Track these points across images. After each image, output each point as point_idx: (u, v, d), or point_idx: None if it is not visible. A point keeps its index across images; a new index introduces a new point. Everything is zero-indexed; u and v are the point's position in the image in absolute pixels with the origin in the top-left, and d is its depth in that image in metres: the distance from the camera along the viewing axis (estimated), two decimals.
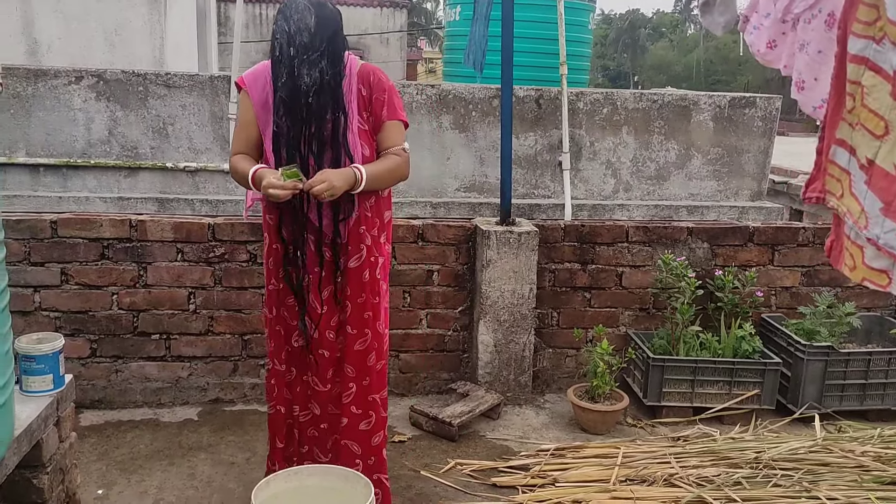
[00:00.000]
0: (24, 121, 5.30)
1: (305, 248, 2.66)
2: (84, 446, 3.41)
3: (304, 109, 2.49)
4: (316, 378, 2.80)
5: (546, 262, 4.17)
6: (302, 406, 2.86)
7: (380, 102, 2.65)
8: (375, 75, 2.67)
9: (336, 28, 2.54)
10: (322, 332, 2.74)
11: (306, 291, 2.71)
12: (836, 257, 2.15)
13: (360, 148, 2.63)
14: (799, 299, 4.39)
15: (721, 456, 3.39)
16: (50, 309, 3.78)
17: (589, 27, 9.02)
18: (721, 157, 6.06)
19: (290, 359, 2.83)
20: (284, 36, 2.47)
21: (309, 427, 2.88)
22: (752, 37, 2.87)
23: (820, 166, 2.20)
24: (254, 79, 2.66)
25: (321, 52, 2.47)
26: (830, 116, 2.13)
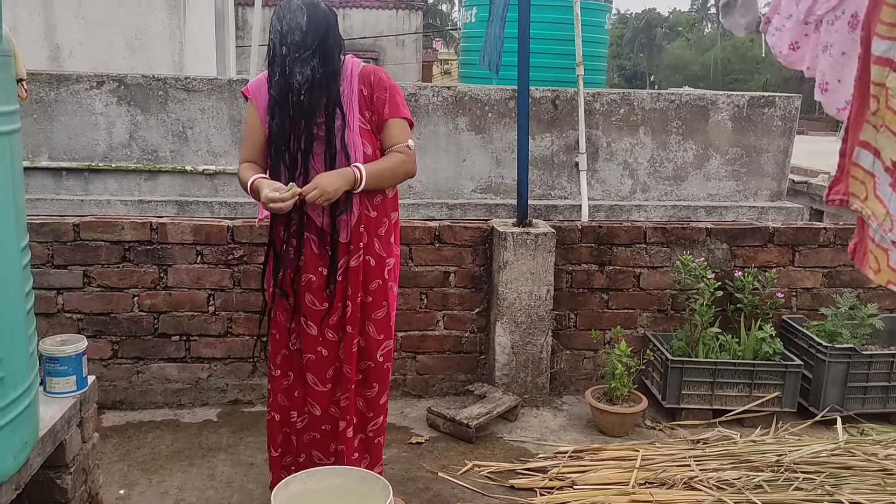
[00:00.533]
0: (46, 125, 5.37)
1: (306, 249, 2.68)
2: (106, 447, 3.45)
3: (295, 107, 2.52)
4: (315, 378, 2.80)
5: (563, 264, 4.16)
6: (299, 412, 2.85)
7: (381, 101, 2.66)
8: (376, 75, 2.68)
9: (328, 28, 2.56)
10: (321, 331, 2.75)
11: (303, 291, 2.71)
12: (861, 260, 2.14)
13: (363, 147, 2.63)
14: (820, 300, 4.36)
15: (741, 459, 3.36)
16: (73, 311, 3.83)
17: (605, 27, 8.99)
18: (740, 157, 6.02)
19: (287, 363, 2.83)
20: (277, 35, 2.51)
21: (306, 433, 2.87)
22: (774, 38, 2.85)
23: (843, 168, 2.18)
24: (257, 86, 2.69)
25: (312, 50, 2.50)
26: (854, 118, 2.12)
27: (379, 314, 2.78)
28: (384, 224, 2.76)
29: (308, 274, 2.71)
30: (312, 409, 2.84)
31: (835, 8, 2.50)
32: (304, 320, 2.75)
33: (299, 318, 2.75)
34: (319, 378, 2.80)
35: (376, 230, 2.73)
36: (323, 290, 2.71)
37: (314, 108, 2.53)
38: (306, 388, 2.83)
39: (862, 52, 2.06)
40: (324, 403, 2.83)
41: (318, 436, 2.87)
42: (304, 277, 2.71)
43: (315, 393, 2.82)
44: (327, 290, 2.71)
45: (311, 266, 2.70)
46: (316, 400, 2.83)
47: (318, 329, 2.74)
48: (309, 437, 2.88)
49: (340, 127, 2.60)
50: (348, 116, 2.61)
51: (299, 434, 2.88)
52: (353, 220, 2.67)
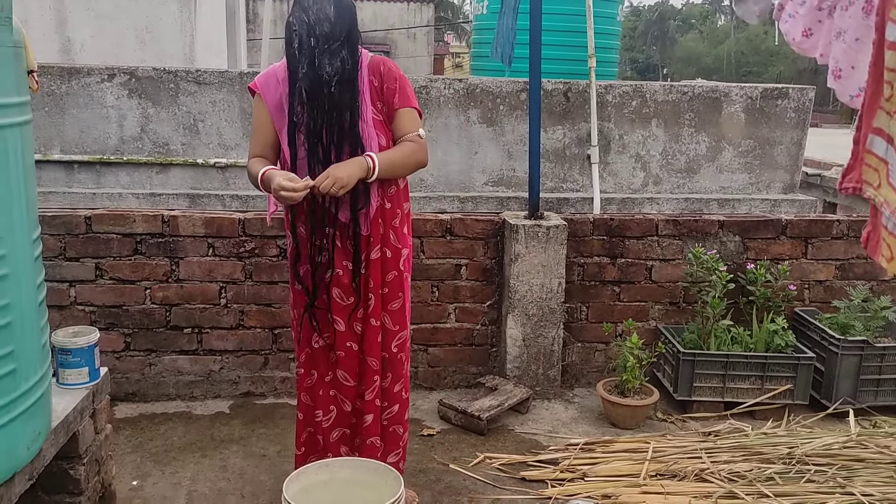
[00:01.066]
0: (58, 118, 5.39)
1: (329, 244, 2.67)
2: (119, 438, 3.47)
3: (327, 100, 2.49)
4: (345, 373, 2.81)
5: (575, 256, 4.15)
6: (325, 410, 2.84)
7: (391, 91, 2.65)
8: (385, 65, 2.67)
9: (354, 18, 2.55)
10: (349, 326, 2.75)
11: (328, 288, 2.71)
12: (873, 248, 2.12)
13: (377, 138, 2.63)
14: (833, 293, 4.33)
15: (753, 451, 3.35)
16: (85, 303, 3.85)
17: (617, 19, 8.95)
18: (753, 150, 5.99)
19: (311, 361, 2.82)
20: (304, 26, 2.47)
21: (334, 430, 2.86)
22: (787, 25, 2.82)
23: (857, 156, 2.16)
24: (265, 82, 2.66)
25: (341, 41, 2.48)
26: (868, 105, 2.09)
27: (395, 305, 2.79)
28: (398, 215, 2.76)
29: (336, 269, 2.70)
30: (342, 405, 2.83)
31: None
32: (330, 316, 2.74)
33: (325, 314, 2.74)
34: (350, 373, 2.80)
35: (391, 222, 2.73)
36: (349, 284, 2.71)
37: (343, 101, 2.51)
38: (335, 385, 2.82)
39: (876, 38, 2.04)
40: (352, 398, 2.83)
41: (347, 431, 2.87)
42: (330, 273, 2.70)
43: (345, 388, 2.82)
44: (353, 284, 2.70)
45: (337, 261, 2.69)
46: (346, 395, 2.83)
47: (345, 324, 2.75)
48: (337, 433, 2.87)
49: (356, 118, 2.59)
50: (362, 107, 2.60)
51: (326, 433, 2.86)
52: (372, 212, 2.67)
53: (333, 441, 2.87)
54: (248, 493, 3.12)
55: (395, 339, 2.82)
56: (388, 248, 2.74)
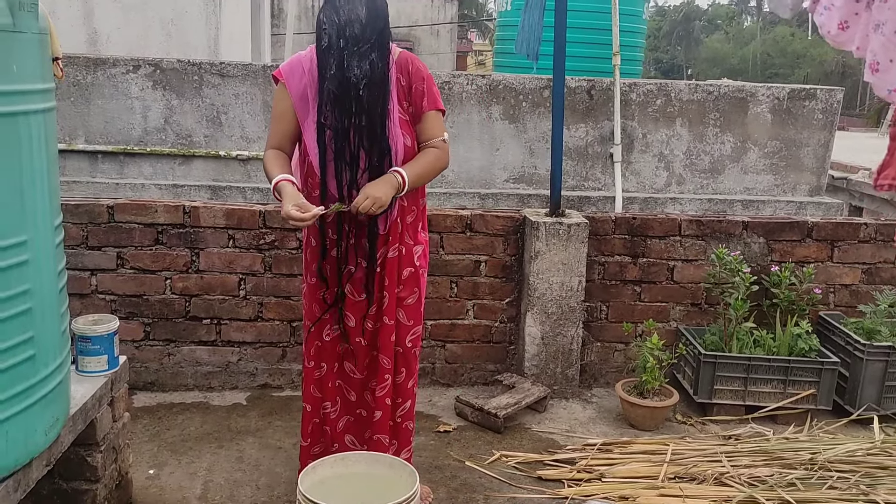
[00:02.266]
0: (83, 108, 5.43)
1: (346, 243, 2.66)
2: (136, 427, 3.48)
3: (355, 102, 2.46)
4: (352, 366, 2.81)
5: (595, 255, 4.11)
6: (333, 402, 2.86)
7: (420, 92, 2.62)
8: (413, 64, 2.63)
9: (386, 20, 2.51)
10: (360, 322, 2.75)
11: (345, 283, 2.70)
12: None
13: (402, 139, 2.60)
14: (859, 297, 4.26)
15: (774, 456, 3.30)
16: (106, 292, 3.86)
17: (643, 17, 8.87)
18: (779, 151, 5.91)
19: (321, 354, 2.82)
20: (334, 27, 2.43)
21: (340, 419, 2.87)
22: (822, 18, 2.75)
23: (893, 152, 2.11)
24: (290, 70, 2.62)
25: (372, 43, 2.44)
26: None
27: (410, 300, 2.78)
28: (413, 212, 2.75)
29: (349, 266, 2.70)
30: (348, 395, 2.86)
31: None
32: (346, 312, 2.74)
33: (335, 309, 2.74)
34: (357, 367, 2.82)
35: (405, 218, 2.72)
36: (362, 282, 2.70)
37: (375, 104, 2.48)
38: (342, 377, 2.84)
39: None
40: (358, 389, 2.85)
41: (352, 419, 2.88)
42: (345, 269, 2.70)
43: (351, 380, 2.84)
44: (366, 283, 2.70)
45: (351, 258, 2.69)
46: (351, 386, 2.84)
47: (356, 320, 2.75)
48: (344, 422, 2.88)
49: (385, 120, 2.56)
50: (388, 107, 2.57)
51: (333, 423, 2.88)
52: (393, 213, 2.66)
53: (340, 431, 2.88)
54: (263, 485, 3.12)
55: (409, 333, 2.81)
56: (403, 246, 2.73)
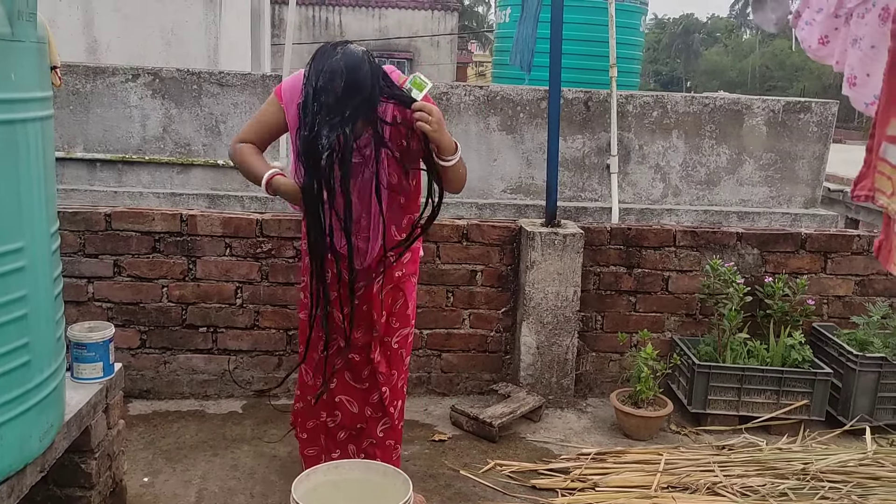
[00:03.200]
0: (82, 117, 5.45)
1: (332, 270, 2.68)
2: (132, 435, 3.49)
3: (321, 169, 2.37)
4: (352, 375, 2.86)
5: (591, 265, 4.13)
6: (329, 412, 2.90)
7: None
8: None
9: (368, 92, 2.37)
10: (348, 343, 2.78)
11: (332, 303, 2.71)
12: (886, 257, 2.09)
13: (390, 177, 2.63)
14: (852, 309, 4.28)
15: (767, 466, 3.32)
16: (102, 300, 3.88)
17: (640, 30, 8.93)
18: (774, 163, 5.94)
19: (318, 368, 2.84)
20: (311, 88, 2.36)
21: (340, 430, 2.91)
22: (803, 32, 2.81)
23: (870, 164, 2.14)
24: (291, 92, 2.58)
25: (344, 117, 2.34)
26: (882, 113, 2.08)
27: (397, 305, 2.82)
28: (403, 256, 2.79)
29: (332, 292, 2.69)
30: (350, 406, 2.88)
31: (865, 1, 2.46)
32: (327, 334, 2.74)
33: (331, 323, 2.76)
34: (355, 377, 2.86)
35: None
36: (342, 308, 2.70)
37: (333, 173, 2.39)
38: (343, 389, 2.86)
39: (892, 46, 2.02)
40: (360, 400, 2.87)
41: (353, 432, 2.91)
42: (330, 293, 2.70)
43: (353, 390, 2.86)
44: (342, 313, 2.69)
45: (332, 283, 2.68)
46: (353, 396, 2.87)
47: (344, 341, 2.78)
48: (345, 434, 2.91)
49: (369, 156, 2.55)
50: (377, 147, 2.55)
51: (332, 433, 2.91)
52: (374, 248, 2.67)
53: (341, 440, 2.92)
54: (257, 493, 3.13)
55: (395, 335, 2.84)
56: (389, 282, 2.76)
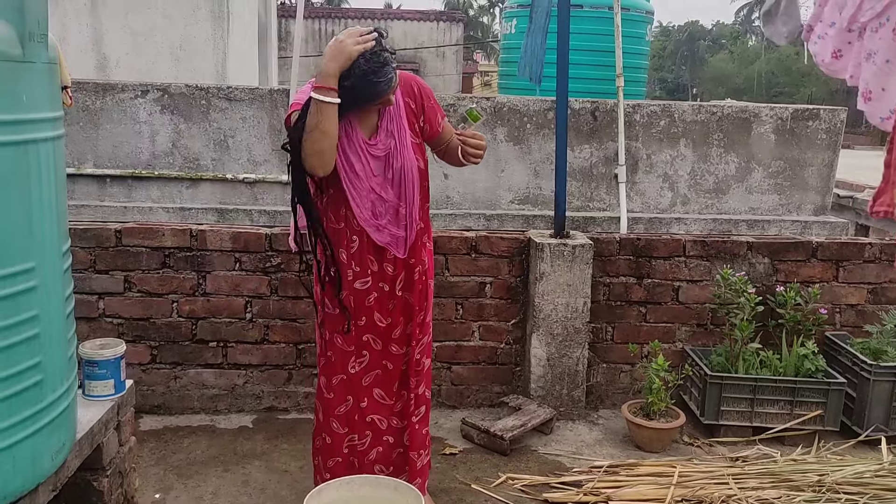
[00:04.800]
0: (92, 133, 5.48)
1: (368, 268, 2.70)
2: (143, 451, 3.49)
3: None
4: (381, 391, 2.82)
5: (601, 276, 4.12)
6: (361, 434, 2.84)
7: (432, 110, 2.73)
8: (417, 84, 2.71)
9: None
10: (386, 346, 2.78)
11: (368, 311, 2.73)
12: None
13: (417, 162, 2.67)
14: (865, 317, 4.25)
15: (782, 478, 3.29)
16: (113, 315, 3.89)
17: (646, 39, 8.93)
18: (783, 171, 5.92)
19: (347, 387, 2.81)
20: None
21: (371, 451, 2.87)
22: (816, 47, 2.80)
23: (888, 179, 2.13)
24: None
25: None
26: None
27: (421, 316, 2.83)
28: (425, 231, 2.81)
29: (373, 292, 2.72)
30: (379, 424, 2.85)
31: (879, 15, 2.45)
32: (370, 338, 2.76)
33: (360, 339, 2.76)
34: (387, 392, 2.83)
35: (421, 237, 2.78)
36: (387, 305, 2.74)
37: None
38: (373, 408, 2.83)
39: None
40: (388, 416, 2.86)
41: (381, 449, 2.88)
42: (370, 296, 2.72)
43: (383, 408, 2.84)
44: (390, 305, 2.74)
45: (374, 285, 2.72)
46: (383, 414, 2.85)
47: (383, 344, 2.78)
48: (374, 454, 2.88)
49: (396, 147, 2.61)
50: (400, 134, 2.62)
51: (361, 455, 2.87)
52: (412, 236, 2.70)
53: (369, 462, 2.87)
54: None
55: (419, 345, 2.84)
56: (419, 264, 2.78)
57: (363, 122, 2.60)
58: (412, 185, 2.65)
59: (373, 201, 2.63)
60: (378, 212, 2.64)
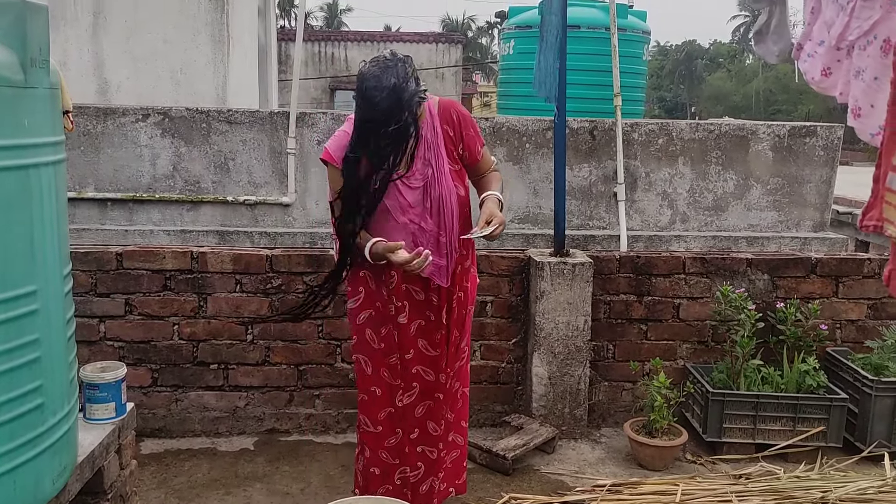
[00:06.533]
0: (93, 157, 5.51)
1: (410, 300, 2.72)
2: (144, 474, 3.48)
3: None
4: (434, 423, 2.83)
5: (601, 294, 4.12)
6: (413, 465, 2.85)
7: (471, 137, 2.72)
8: (456, 110, 2.70)
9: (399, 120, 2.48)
10: (437, 376, 2.79)
11: (414, 341, 2.76)
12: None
13: (456, 190, 2.67)
14: (865, 333, 4.25)
15: (785, 495, 3.27)
16: (114, 339, 3.89)
17: (644, 58, 8.99)
18: (781, 188, 5.93)
19: (396, 420, 2.81)
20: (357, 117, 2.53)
21: (424, 483, 2.88)
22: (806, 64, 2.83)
23: (877, 194, 2.14)
24: (336, 150, 2.65)
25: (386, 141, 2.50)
26: (887, 143, 2.08)
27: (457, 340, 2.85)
28: (468, 257, 2.82)
29: (417, 321, 2.74)
30: (431, 454, 2.86)
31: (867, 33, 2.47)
32: (420, 370, 2.77)
33: (408, 371, 2.77)
34: (437, 423, 2.84)
35: (463, 263, 2.78)
36: (434, 335, 2.75)
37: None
38: (424, 439, 2.84)
39: (894, 77, 2.03)
40: (437, 445, 2.86)
41: (435, 479, 2.88)
42: (413, 326, 2.74)
43: (432, 439, 2.85)
44: (438, 336, 2.75)
45: (419, 314, 2.75)
46: (434, 444, 2.85)
47: (435, 375, 2.79)
48: (426, 486, 2.88)
49: (434, 175, 2.62)
50: (438, 162, 2.63)
51: (415, 486, 2.87)
52: (451, 265, 2.71)
53: (423, 494, 2.88)
54: None
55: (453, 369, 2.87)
56: (461, 291, 2.79)
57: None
58: (451, 214, 2.64)
59: (413, 233, 2.64)
60: (419, 242, 2.64)
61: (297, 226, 5.65)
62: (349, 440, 3.90)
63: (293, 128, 5.45)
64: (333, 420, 4.05)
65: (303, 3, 5.90)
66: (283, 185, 5.62)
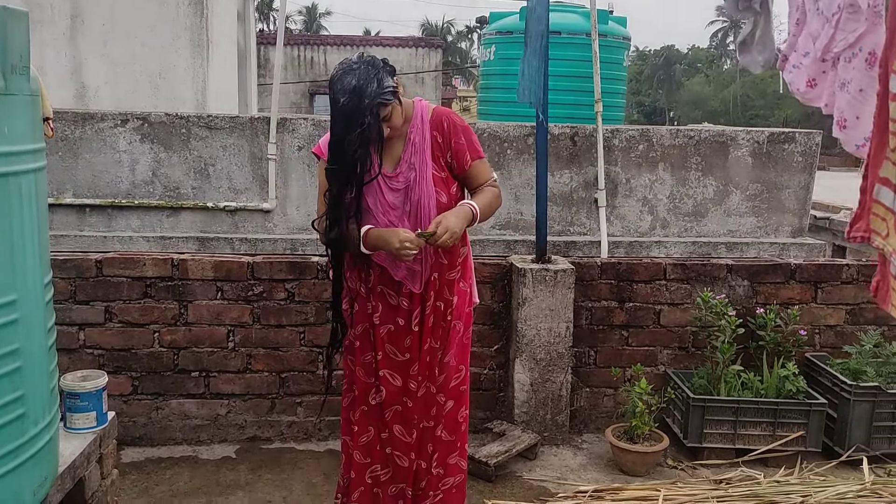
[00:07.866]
0: (71, 163, 5.46)
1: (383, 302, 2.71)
2: (125, 483, 3.44)
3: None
4: (401, 427, 2.80)
5: (583, 300, 4.14)
6: (383, 464, 2.83)
7: (460, 147, 2.68)
8: (448, 119, 2.69)
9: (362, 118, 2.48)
10: (406, 382, 2.77)
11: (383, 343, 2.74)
12: (883, 297, 2.11)
13: (436, 196, 2.65)
14: (844, 338, 4.30)
15: (765, 500, 3.29)
16: (94, 346, 3.85)
17: (624, 64, 9.06)
18: (760, 193, 6.00)
19: (368, 418, 2.81)
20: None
21: (391, 485, 2.85)
22: (791, 76, 2.85)
23: (864, 206, 2.17)
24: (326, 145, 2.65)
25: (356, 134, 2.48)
26: (874, 155, 2.11)
27: (439, 356, 2.80)
28: (456, 269, 2.79)
29: (387, 324, 2.73)
30: (400, 461, 2.82)
31: (852, 45, 2.50)
32: (387, 373, 2.75)
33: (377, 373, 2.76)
34: (406, 429, 2.80)
35: (444, 274, 2.75)
36: (402, 340, 2.73)
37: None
38: (392, 442, 2.81)
39: (880, 90, 2.06)
40: (407, 452, 2.82)
41: (403, 486, 2.85)
42: (383, 329, 2.73)
43: (402, 444, 2.81)
44: (407, 340, 2.73)
45: (389, 318, 2.72)
46: (403, 451, 2.81)
47: (402, 380, 2.76)
48: (395, 489, 2.85)
49: (415, 179, 2.62)
50: (422, 167, 2.62)
51: (384, 487, 2.85)
52: (426, 271, 2.69)
53: (392, 495, 2.84)
54: None
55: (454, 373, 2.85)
56: (441, 301, 2.75)
57: (388, 153, 2.63)
58: (429, 219, 2.61)
59: None
60: None
61: (277, 232, 5.63)
62: (331, 447, 3.88)
63: (274, 133, 5.44)
64: (315, 428, 4.03)
65: (283, 8, 5.89)
66: (264, 191, 5.60)
